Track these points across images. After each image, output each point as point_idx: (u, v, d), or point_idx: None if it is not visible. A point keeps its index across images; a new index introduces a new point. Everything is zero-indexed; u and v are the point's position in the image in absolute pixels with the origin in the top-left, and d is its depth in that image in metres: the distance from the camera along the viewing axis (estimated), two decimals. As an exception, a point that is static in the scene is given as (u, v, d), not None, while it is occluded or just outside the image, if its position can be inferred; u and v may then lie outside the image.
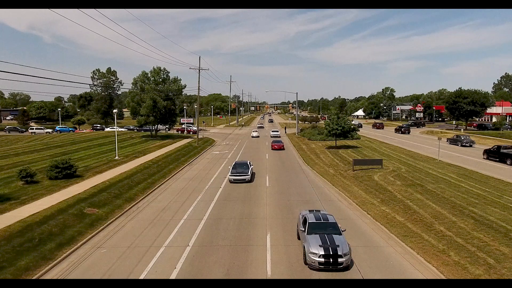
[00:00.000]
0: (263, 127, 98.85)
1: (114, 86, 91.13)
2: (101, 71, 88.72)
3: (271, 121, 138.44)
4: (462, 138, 51.71)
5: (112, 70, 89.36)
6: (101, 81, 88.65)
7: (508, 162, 35.60)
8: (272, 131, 72.22)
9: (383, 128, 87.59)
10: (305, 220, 16.09)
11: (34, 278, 13.68)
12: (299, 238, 16.62)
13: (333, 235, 14.81)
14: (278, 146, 50.65)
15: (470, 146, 49.85)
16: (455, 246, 15.56)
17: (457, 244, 15.79)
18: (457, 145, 51.26)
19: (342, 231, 15.55)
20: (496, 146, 39.47)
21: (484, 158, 39.87)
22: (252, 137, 69.83)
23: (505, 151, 36.93)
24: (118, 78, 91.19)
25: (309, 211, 17.55)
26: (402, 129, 75.27)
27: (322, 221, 15.86)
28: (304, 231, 15.37)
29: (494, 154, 38.62)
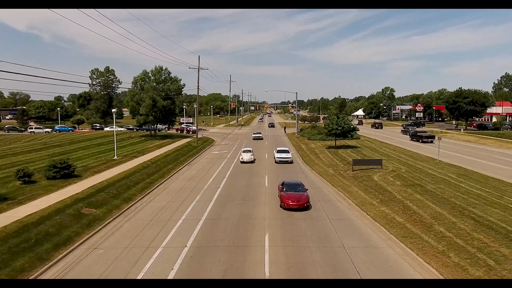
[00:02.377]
0: (261, 138, 65.81)
1: (113, 85, 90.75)
2: (99, 70, 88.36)
3: (271, 125, 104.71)
4: (410, 129, 70.37)
5: (110, 69, 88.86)
6: (99, 80, 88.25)
7: (420, 140, 55.16)
8: (278, 152, 40.76)
9: (362, 124, 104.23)
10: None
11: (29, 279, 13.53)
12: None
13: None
14: (297, 203, 21.67)
15: (432, 138, 63.46)
16: (455, 247, 15.42)
17: (457, 245, 15.66)
18: (406, 134, 69.48)
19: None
20: (415, 131, 63.27)
21: (410, 140, 60.37)
22: (242, 162, 39.33)
23: (419, 134, 58.98)
24: (116, 77, 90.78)
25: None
26: (376, 125, 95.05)
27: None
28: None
29: (414, 136, 60.28)
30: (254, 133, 68.90)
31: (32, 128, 79.38)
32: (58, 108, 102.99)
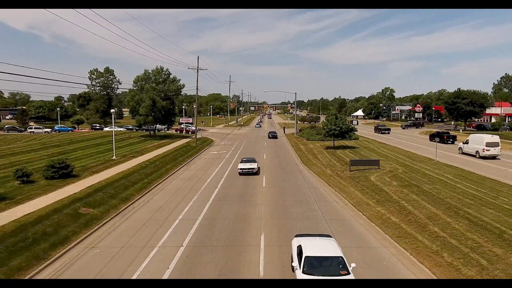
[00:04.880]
0: (255, 171, 33.34)
1: (113, 85, 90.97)
2: (98, 70, 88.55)
3: (273, 135, 68.51)
4: (380, 126, 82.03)
5: (110, 69, 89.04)
6: (99, 80, 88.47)
7: (380, 132, 75.66)
8: (309, 249, 12.74)
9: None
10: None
11: (25, 278, 13.67)
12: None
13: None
14: None
15: (389, 130, 79.73)
16: (449, 247, 15.56)
17: (451, 245, 15.79)
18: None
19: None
20: (378, 126, 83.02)
21: (374, 132, 79.28)
22: None
23: (379, 127, 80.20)
24: (116, 77, 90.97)
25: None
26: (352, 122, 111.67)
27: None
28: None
29: (376, 129, 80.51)
30: (242, 162, 34.27)
31: (31, 128, 79.44)
32: (58, 108, 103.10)
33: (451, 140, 54.98)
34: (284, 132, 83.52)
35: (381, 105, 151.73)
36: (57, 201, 21.39)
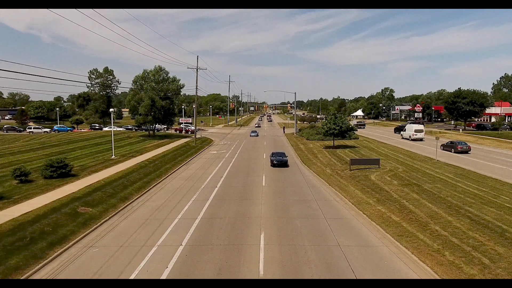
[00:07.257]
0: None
1: (112, 85, 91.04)
2: (98, 70, 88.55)
3: (280, 161, 36.57)
4: (358, 123, 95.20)
5: (109, 69, 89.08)
6: (98, 80, 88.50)
7: (357, 127, 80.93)
8: None
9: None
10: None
11: (23, 277, 13.52)
12: None
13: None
14: None
15: (364, 126, 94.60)
16: (450, 246, 15.43)
17: (452, 243, 15.66)
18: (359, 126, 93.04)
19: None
20: (356, 122, 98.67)
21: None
22: None
23: (356, 123, 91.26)
24: (115, 78, 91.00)
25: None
26: None
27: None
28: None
29: (355, 125, 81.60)
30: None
31: (30, 128, 79.29)
32: (57, 108, 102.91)
33: None
34: (284, 132, 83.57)
35: (380, 105, 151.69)
36: (55, 200, 21.24)
